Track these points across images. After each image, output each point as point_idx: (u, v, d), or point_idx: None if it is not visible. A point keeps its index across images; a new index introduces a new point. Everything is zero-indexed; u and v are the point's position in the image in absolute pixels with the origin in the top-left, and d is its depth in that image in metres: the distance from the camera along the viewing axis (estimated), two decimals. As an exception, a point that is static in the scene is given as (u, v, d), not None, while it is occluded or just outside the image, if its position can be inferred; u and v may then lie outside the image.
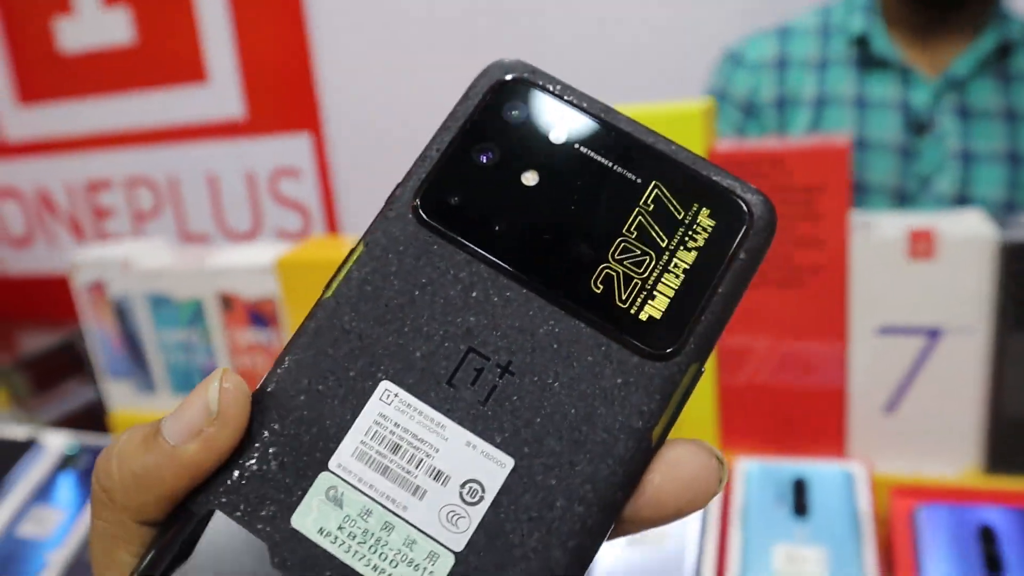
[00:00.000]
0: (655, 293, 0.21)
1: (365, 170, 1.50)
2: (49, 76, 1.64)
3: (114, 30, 1.55)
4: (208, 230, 1.65)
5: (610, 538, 0.21)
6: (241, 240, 1.65)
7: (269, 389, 0.21)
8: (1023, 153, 0.96)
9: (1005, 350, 0.62)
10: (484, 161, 0.22)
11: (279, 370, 0.21)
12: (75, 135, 1.64)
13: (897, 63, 1.01)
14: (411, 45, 1.38)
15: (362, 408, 0.20)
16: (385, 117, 1.45)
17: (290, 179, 1.56)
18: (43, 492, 0.76)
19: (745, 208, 0.22)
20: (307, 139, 1.51)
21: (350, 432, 0.20)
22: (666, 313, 0.21)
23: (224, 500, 0.20)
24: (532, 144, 0.22)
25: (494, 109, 0.23)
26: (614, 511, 0.20)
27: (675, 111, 0.66)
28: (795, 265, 0.66)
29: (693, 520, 0.60)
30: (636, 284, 0.21)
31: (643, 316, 0.21)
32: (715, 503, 0.61)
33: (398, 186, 0.22)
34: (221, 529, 0.19)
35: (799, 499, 0.59)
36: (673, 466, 0.21)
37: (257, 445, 0.20)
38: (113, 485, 0.20)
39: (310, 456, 0.20)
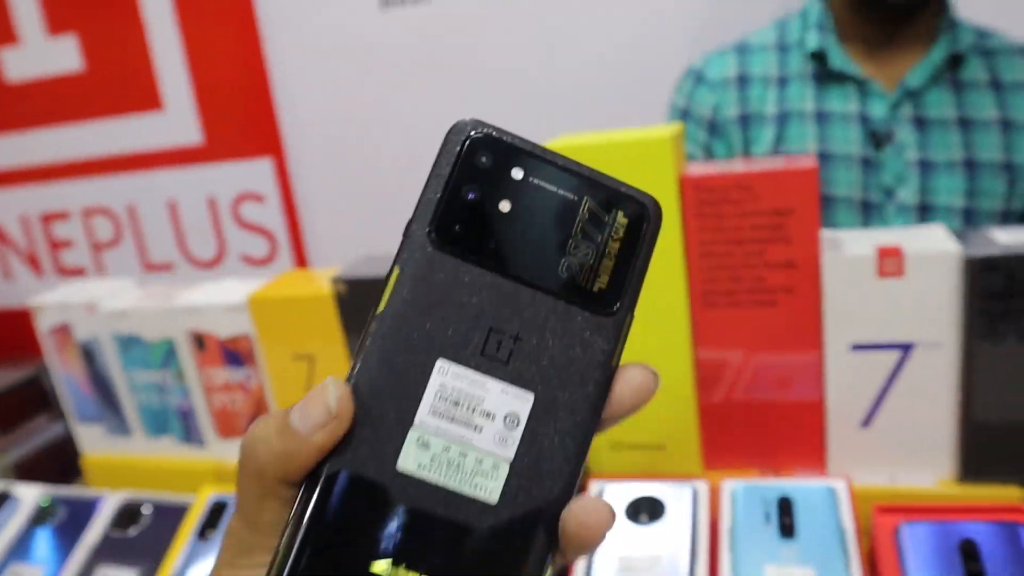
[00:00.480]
0: (599, 273, 0.31)
1: (329, 191, 1.49)
2: (-3, 107, 1.60)
3: (62, 58, 1.52)
4: (171, 258, 1.63)
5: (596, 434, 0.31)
6: (205, 267, 1.63)
7: (359, 381, 0.29)
8: (979, 160, 0.99)
9: (973, 361, 0.63)
10: (471, 198, 0.30)
11: (360, 366, 0.29)
12: (28, 166, 1.61)
13: (854, 76, 1.03)
14: (369, 63, 1.38)
15: (427, 381, 0.29)
16: (348, 137, 1.44)
17: (253, 204, 1.54)
18: (19, 549, 0.75)
19: (645, 208, 0.31)
20: (269, 163, 1.49)
21: (423, 398, 0.29)
22: (608, 285, 0.31)
23: (349, 459, 0.28)
24: (501, 181, 0.31)
25: (468, 159, 0.31)
26: (598, 413, 0.30)
27: (645, 139, 0.66)
28: (768, 287, 0.67)
29: (683, 544, 0.61)
30: (587, 269, 0.31)
31: (595, 289, 0.30)
32: (704, 527, 0.62)
33: (411, 222, 0.30)
34: (350, 480, 0.28)
35: (785, 519, 0.60)
36: (627, 379, 0.31)
37: (363, 420, 0.28)
38: (263, 465, 0.29)
39: (400, 419, 0.29)
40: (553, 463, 0.29)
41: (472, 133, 0.31)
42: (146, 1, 1.44)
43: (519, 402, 0.29)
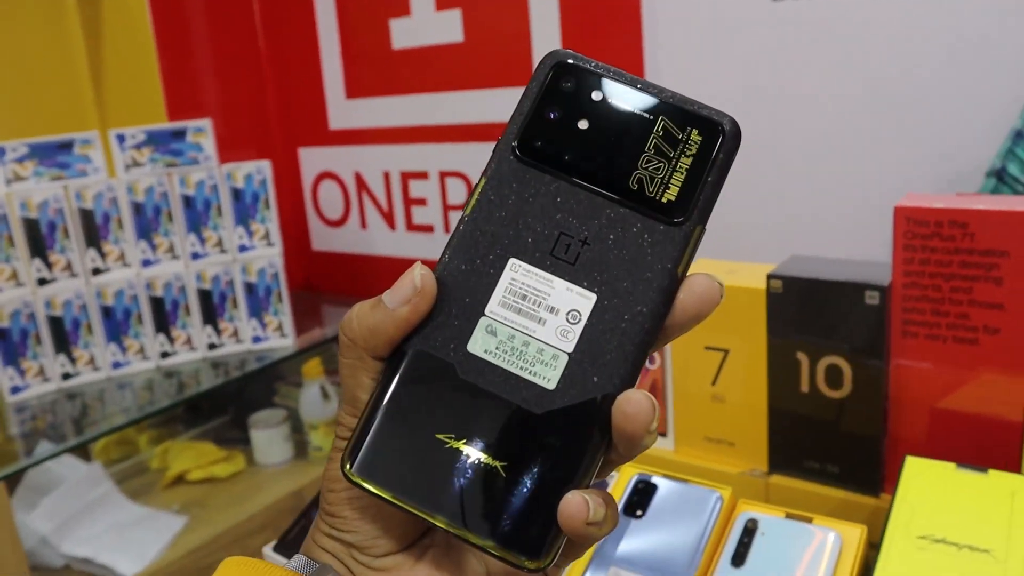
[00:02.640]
0: (669, 186, 0.32)
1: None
2: (379, 72, 1.74)
3: (445, 30, 1.62)
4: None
5: (658, 345, 0.32)
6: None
7: (442, 272, 0.33)
8: None
9: None
10: (552, 117, 0.33)
11: (444, 260, 0.33)
12: (398, 126, 1.74)
13: None
14: (753, 56, 1.34)
15: (500, 275, 0.32)
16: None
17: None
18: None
19: (720, 126, 0.32)
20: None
21: (495, 291, 0.32)
22: (678, 197, 0.32)
23: (426, 340, 0.32)
24: (581, 102, 0.33)
25: (554, 83, 0.34)
26: (660, 318, 0.31)
27: None
28: None
29: None
30: (657, 181, 0.32)
31: (664, 200, 0.32)
32: None
33: (500, 139, 0.33)
34: (426, 358, 0.32)
35: None
36: (691, 287, 0.32)
37: (441, 307, 0.32)
38: (356, 336, 0.32)
39: (472, 308, 0.32)
40: (610, 360, 0.31)
41: (559, 60, 0.34)
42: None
43: (582, 300, 0.32)
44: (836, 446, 0.77)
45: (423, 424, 0.31)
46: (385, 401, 0.31)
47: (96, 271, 1.45)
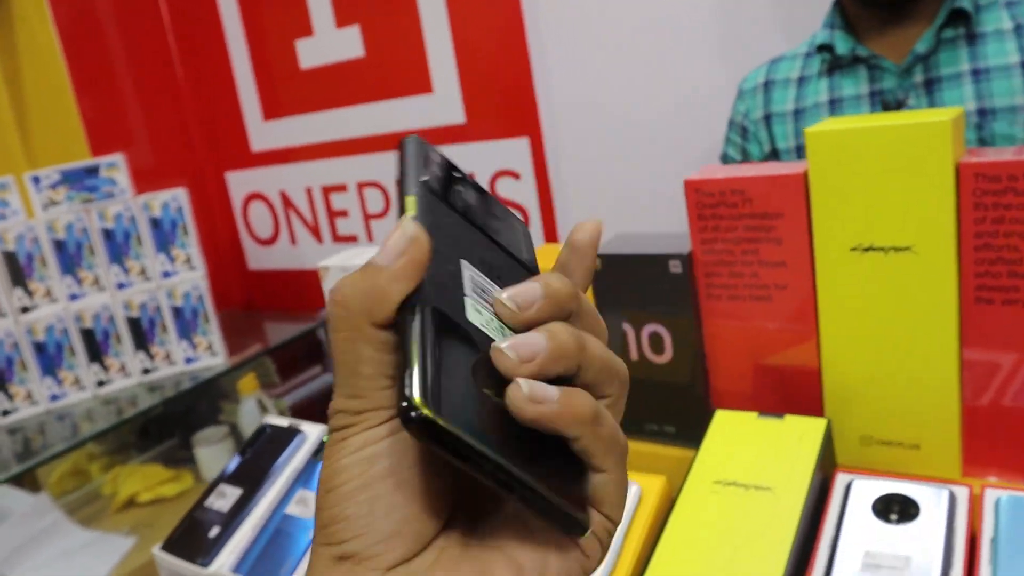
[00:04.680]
0: (523, 251, 0.38)
1: (582, 171, 1.54)
2: (291, 92, 1.80)
3: (347, 47, 1.67)
4: (431, 230, 1.75)
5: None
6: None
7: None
8: (994, 107, 1.01)
9: None
10: (437, 174, 0.35)
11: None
12: (315, 143, 1.80)
13: (863, 57, 1.09)
14: (626, 52, 1.40)
15: (461, 271, 0.32)
16: (600, 121, 1.47)
17: (510, 181, 1.62)
18: (305, 477, 0.86)
19: (518, 217, 0.39)
20: (526, 143, 1.57)
21: (463, 280, 0.32)
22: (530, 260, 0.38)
23: (434, 300, 0.30)
24: (446, 171, 0.36)
25: (421, 154, 0.35)
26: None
27: (921, 123, 0.63)
28: (1055, 284, 0.62)
29: (936, 549, 0.58)
30: (515, 247, 0.38)
31: (523, 260, 0.38)
32: (961, 533, 0.59)
33: (405, 173, 0.35)
34: (441, 316, 0.29)
35: (1058, 535, 0.56)
36: (575, 229, 0.36)
37: (431, 280, 0.30)
38: (349, 302, 0.29)
39: (456, 291, 0.31)
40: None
41: (417, 140, 0.36)
42: (421, -9, 1.55)
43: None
44: (670, 407, 0.83)
45: (467, 375, 0.29)
46: (426, 343, 0.28)
47: (24, 309, 1.50)
